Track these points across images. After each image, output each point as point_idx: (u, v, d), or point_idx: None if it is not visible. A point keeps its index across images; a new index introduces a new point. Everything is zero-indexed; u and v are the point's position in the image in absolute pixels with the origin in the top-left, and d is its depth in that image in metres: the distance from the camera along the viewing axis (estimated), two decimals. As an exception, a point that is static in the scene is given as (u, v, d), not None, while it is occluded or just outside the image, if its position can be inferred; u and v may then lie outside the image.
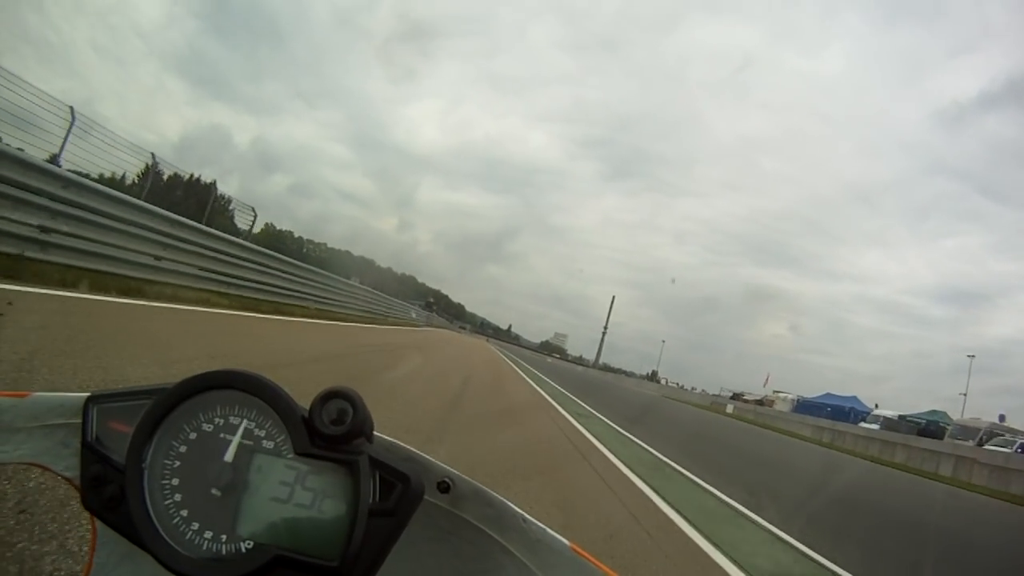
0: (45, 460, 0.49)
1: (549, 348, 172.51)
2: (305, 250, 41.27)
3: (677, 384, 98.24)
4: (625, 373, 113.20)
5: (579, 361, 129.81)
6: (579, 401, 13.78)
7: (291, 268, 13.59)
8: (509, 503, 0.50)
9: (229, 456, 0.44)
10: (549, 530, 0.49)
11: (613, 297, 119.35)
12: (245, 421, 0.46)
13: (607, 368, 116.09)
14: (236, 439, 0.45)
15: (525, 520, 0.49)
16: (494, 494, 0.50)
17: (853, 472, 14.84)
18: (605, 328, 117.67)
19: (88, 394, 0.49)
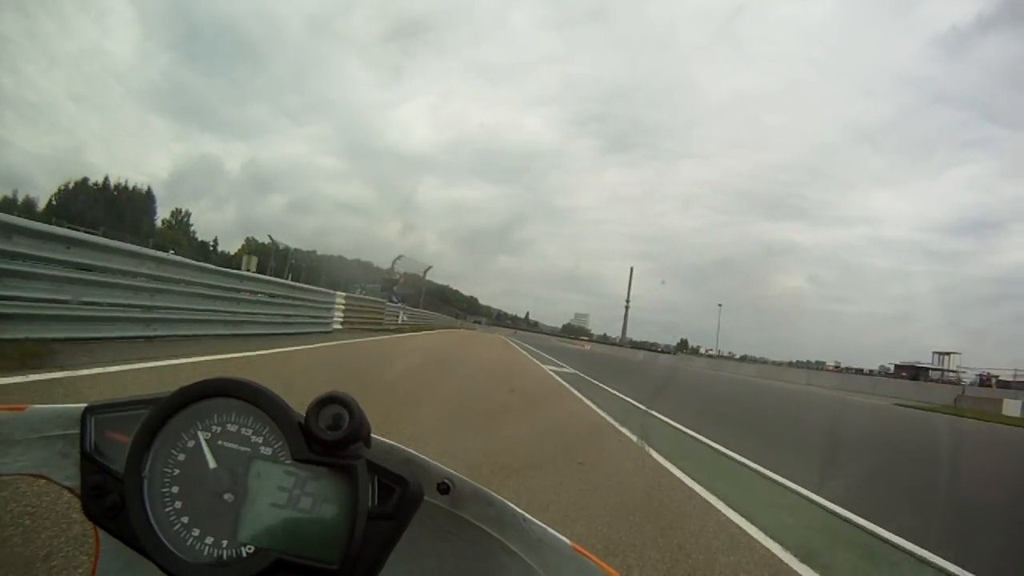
0: (45, 471, 0.50)
1: (572, 331, 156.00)
2: (293, 261, 36.55)
3: (718, 352, 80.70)
4: (658, 349, 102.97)
5: (604, 340, 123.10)
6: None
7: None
8: (509, 503, 0.49)
9: (212, 462, 0.45)
10: (550, 529, 0.48)
11: (632, 268, 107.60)
12: (242, 428, 0.46)
13: (636, 344, 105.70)
14: (203, 443, 0.46)
15: (526, 520, 0.48)
16: (494, 494, 0.50)
17: None
18: (627, 302, 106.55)
19: (85, 405, 0.49)
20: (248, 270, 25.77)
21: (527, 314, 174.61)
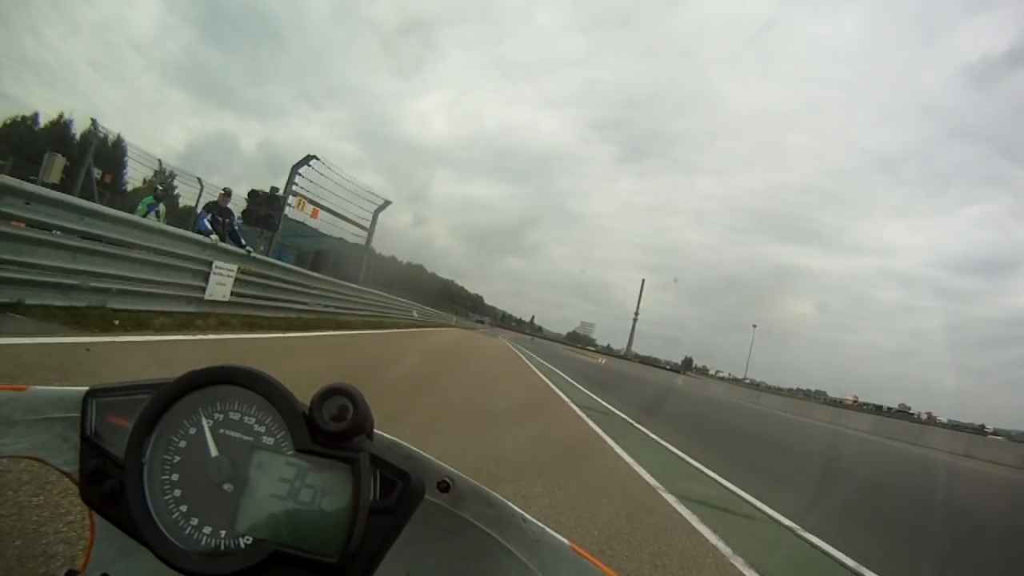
0: (44, 454, 0.49)
1: (577, 339, 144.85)
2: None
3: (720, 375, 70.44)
4: (666, 366, 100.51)
5: (608, 351, 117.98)
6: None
7: None
8: (509, 503, 0.49)
9: (213, 450, 0.45)
10: (548, 530, 0.48)
11: (643, 280, 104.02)
12: (245, 417, 0.46)
13: (642, 359, 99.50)
14: (206, 431, 0.45)
15: (525, 520, 0.48)
16: (494, 494, 0.49)
17: None
18: (636, 314, 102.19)
19: (87, 388, 0.49)
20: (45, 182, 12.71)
21: (532, 318, 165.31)
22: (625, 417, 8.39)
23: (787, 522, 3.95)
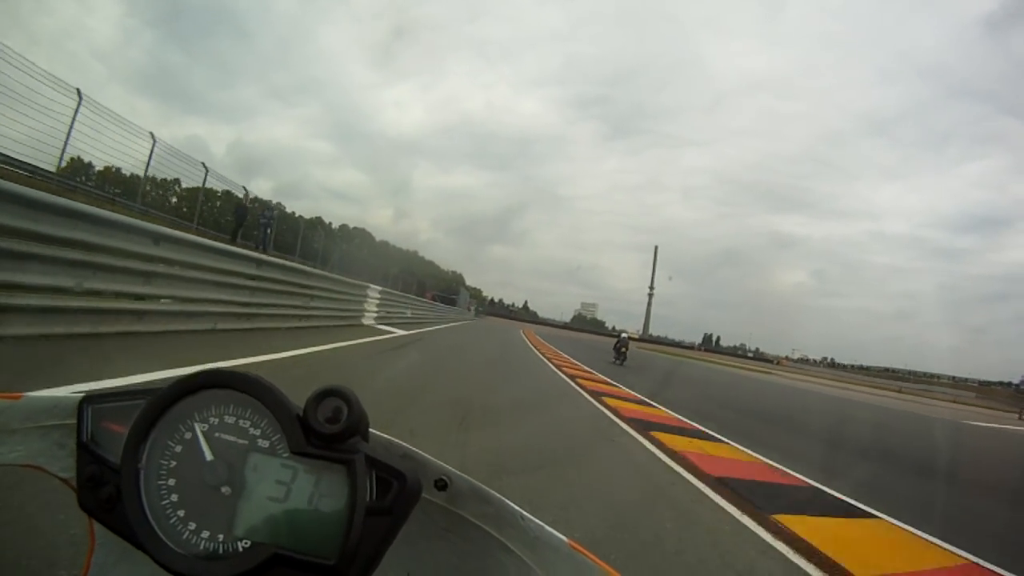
0: (41, 461, 0.50)
1: (584, 322, 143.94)
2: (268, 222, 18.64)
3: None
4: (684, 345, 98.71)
5: (615, 334, 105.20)
6: None
7: None
8: (507, 500, 0.49)
9: (208, 454, 0.45)
10: (547, 527, 0.48)
11: (656, 248, 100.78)
12: (240, 420, 0.46)
13: (654, 339, 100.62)
14: (200, 435, 0.45)
15: (523, 517, 0.48)
16: (492, 491, 0.49)
17: None
18: (651, 289, 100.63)
19: (82, 394, 0.49)
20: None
21: (525, 303, 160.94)
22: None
23: None
